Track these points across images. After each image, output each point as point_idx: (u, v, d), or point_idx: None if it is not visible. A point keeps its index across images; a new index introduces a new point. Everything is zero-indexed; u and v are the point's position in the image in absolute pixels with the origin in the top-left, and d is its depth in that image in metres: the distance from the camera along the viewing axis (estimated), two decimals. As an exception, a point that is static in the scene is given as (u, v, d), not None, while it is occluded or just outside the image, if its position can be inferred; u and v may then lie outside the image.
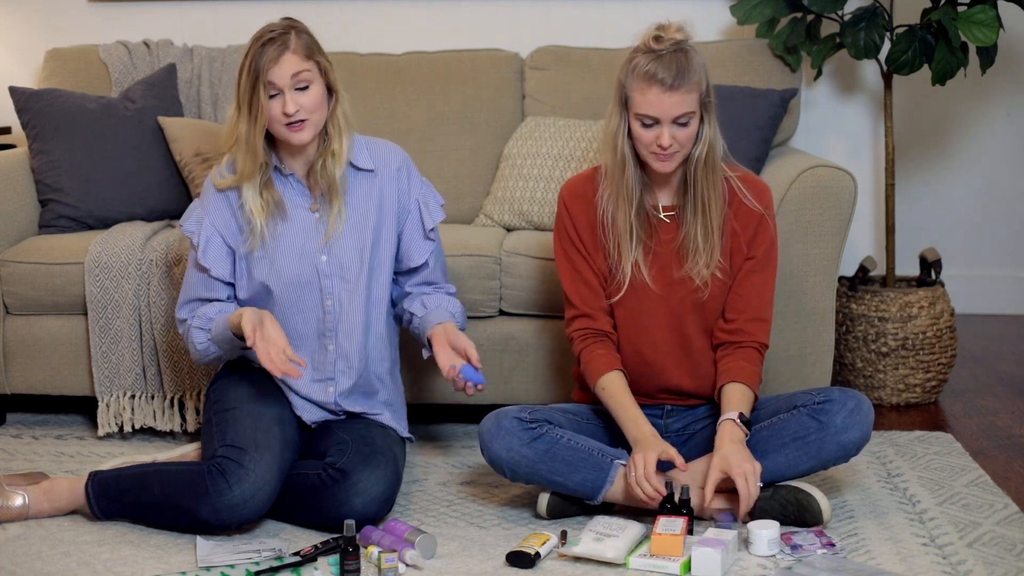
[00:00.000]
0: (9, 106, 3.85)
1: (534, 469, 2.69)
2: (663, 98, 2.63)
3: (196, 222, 2.85)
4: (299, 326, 2.84)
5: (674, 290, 2.79)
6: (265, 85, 2.71)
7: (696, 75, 2.65)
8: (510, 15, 4.20)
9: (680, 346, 2.82)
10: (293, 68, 2.71)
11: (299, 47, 2.72)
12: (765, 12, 3.76)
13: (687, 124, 2.67)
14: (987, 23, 3.47)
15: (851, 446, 2.69)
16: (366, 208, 2.87)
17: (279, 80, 2.71)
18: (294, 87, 2.72)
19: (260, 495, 2.61)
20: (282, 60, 2.70)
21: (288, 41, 2.71)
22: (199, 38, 4.11)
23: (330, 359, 2.86)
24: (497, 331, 3.28)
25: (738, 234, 2.80)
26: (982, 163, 4.42)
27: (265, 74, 2.70)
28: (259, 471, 2.62)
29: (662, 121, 2.65)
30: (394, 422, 2.92)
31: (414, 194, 2.94)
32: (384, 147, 2.94)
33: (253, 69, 2.71)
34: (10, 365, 3.38)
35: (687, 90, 2.64)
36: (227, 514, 2.60)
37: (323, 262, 2.83)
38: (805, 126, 4.20)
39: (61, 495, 2.78)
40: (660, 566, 2.48)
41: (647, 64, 2.64)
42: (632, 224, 2.75)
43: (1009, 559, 2.52)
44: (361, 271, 2.85)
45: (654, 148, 2.68)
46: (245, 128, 2.74)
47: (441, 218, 2.98)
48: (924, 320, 3.62)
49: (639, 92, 2.65)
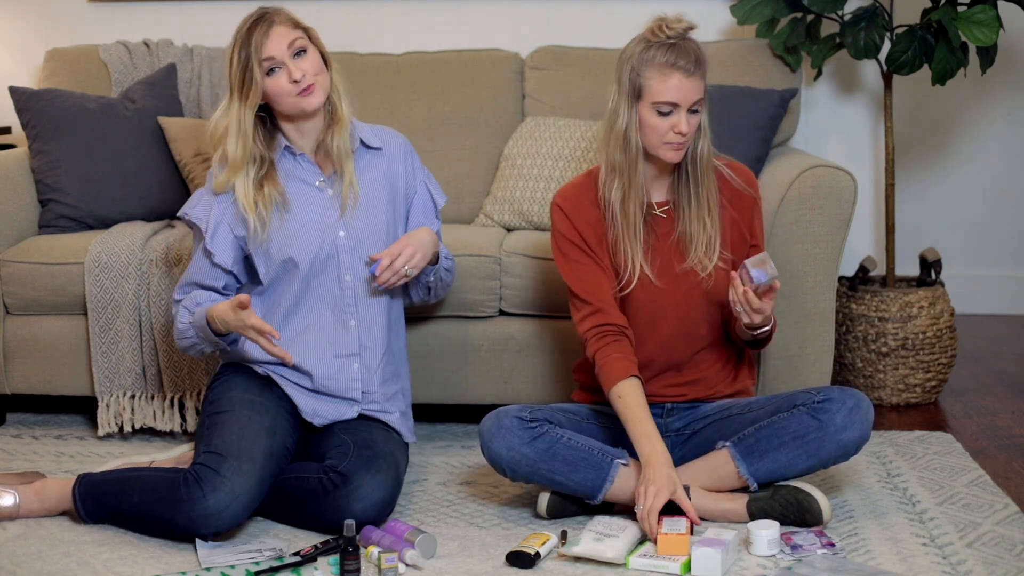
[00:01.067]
0: (9, 106, 3.85)
1: (534, 468, 2.69)
2: (685, 83, 2.66)
3: (204, 209, 2.83)
4: (315, 302, 2.83)
5: (679, 284, 2.79)
6: (260, 64, 2.73)
7: (706, 62, 2.70)
8: (510, 15, 4.20)
9: (688, 342, 2.82)
10: (287, 37, 2.75)
11: (284, 19, 2.77)
12: (765, 12, 3.76)
13: (698, 112, 2.71)
14: (987, 23, 3.47)
15: (851, 445, 2.69)
16: (380, 184, 2.90)
17: (277, 52, 2.74)
18: (292, 55, 2.75)
19: (235, 505, 2.58)
20: (272, 33, 2.74)
21: (272, 18, 2.76)
22: (199, 38, 4.11)
23: (352, 335, 2.85)
24: (497, 331, 3.28)
25: (737, 221, 2.82)
26: (982, 163, 4.42)
27: (259, 52, 2.72)
28: (236, 481, 2.58)
29: (681, 107, 2.67)
30: (402, 425, 2.92)
31: (420, 176, 2.99)
32: (387, 131, 3.00)
33: (244, 53, 2.73)
34: (10, 365, 3.38)
35: (702, 75, 2.69)
36: (201, 523, 2.57)
37: (341, 237, 2.83)
38: (805, 126, 4.20)
39: (51, 496, 2.78)
40: (660, 566, 2.48)
41: (665, 53, 2.66)
42: (640, 219, 2.76)
43: (1009, 559, 2.52)
44: (381, 244, 2.86)
45: (670, 137, 2.69)
46: (236, 111, 2.76)
47: (445, 199, 3.04)
48: (924, 320, 3.62)
49: (659, 80, 2.66)
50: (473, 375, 3.29)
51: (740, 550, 2.58)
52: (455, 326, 3.28)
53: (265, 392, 2.82)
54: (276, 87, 2.75)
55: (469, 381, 3.30)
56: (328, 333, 2.84)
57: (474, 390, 3.31)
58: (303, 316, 2.84)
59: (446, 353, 3.29)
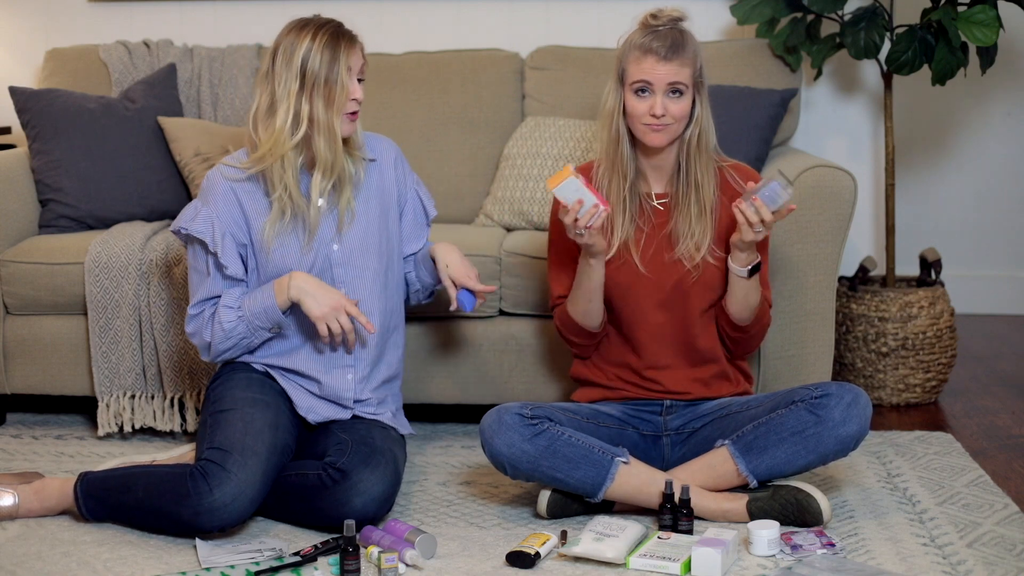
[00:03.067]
0: (9, 106, 3.85)
1: (535, 465, 2.69)
2: (657, 66, 2.73)
3: (205, 222, 2.80)
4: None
5: (666, 273, 2.81)
6: (348, 70, 2.75)
7: (690, 50, 2.76)
8: (510, 15, 4.20)
9: (678, 332, 2.84)
10: (361, 60, 2.80)
11: (360, 43, 2.82)
12: (765, 12, 3.76)
13: (680, 95, 2.75)
14: (987, 23, 3.47)
15: (849, 440, 2.70)
16: (373, 196, 2.90)
17: (355, 65, 2.77)
18: (357, 77, 2.79)
19: (241, 499, 2.59)
20: (356, 48, 2.78)
21: (355, 35, 2.80)
22: (199, 38, 4.11)
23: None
24: (497, 331, 3.28)
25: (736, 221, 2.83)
26: (982, 163, 4.42)
27: (347, 59, 2.75)
28: (242, 475, 2.60)
29: (655, 88, 2.74)
30: (394, 421, 2.92)
31: (410, 183, 3.00)
32: (378, 138, 2.98)
33: (329, 54, 2.73)
34: (10, 365, 3.38)
35: (681, 63, 2.74)
36: (207, 517, 2.58)
37: (335, 251, 2.84)
38: (805, 126, 4.20)
39: (51, 495, 2.78)
40: (660, 566, 2.48)
41: (643, 36, 2.76)
42: (625, 198, 2.82)
43: (1009, 559, 2.52)
44: (374, 258, 2.86)
45: (647, 119, 2.75)
46: (322, 113, 2.73)
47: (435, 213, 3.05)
48: (924, 320, 3.62)
49: (634, 62, 2.76)
50: (473, 375, 3.30)
51: (740, 550, 2.58)
52: (455, 326, 3.28)
53: (266, 389, 2.83)
54: (348, 93, 2.76)
55: (469, 381, 3.30)
56: (322, 344, 2.85)
57: (474, 390, 3.31)
58: (299, 329, 2.84)
59: (446, 353, 3.29)
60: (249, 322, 2.78)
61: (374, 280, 2.87)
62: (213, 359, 2.86)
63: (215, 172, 2.85)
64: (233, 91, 3.87)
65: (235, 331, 2.79)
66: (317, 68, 2.72)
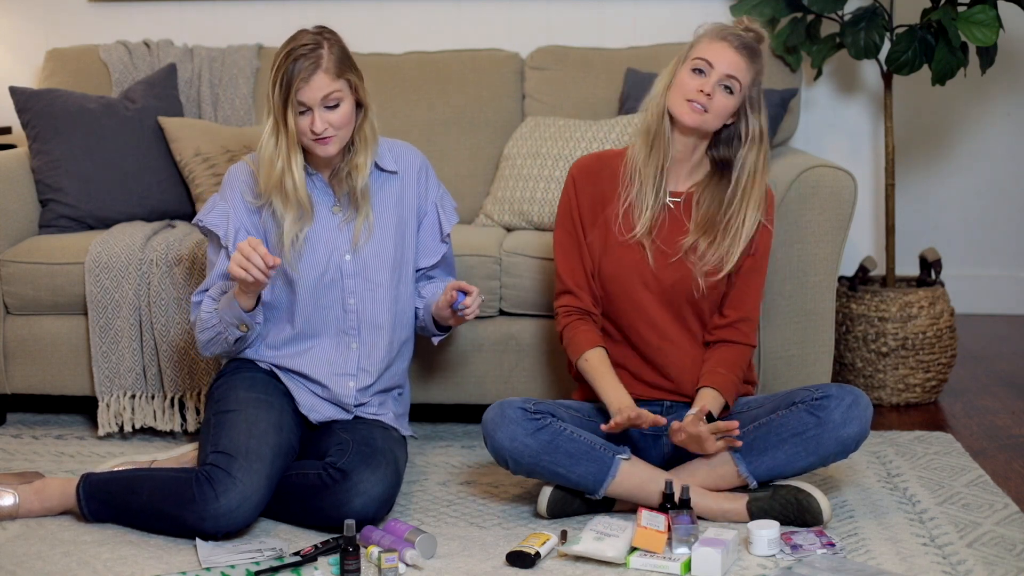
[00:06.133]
0: (9, 106, 3.85)
1: (536, 460, 2.69)
2: (725, 51, 2.74)
3: (220, 216, 2.82)
4: (318, 324, 2.84)
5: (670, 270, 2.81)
6: (294, 104, 2.69)
7: (759, 63, 2.79)
8: (510, 15, 4.20)
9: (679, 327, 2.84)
10: (324, 90, 2.70)
11: (331, 65, 2.70)
12: (765, 12, 3.77)
13: (731, 93, 2.74)
14: (987, 23, 3.47)
15: (850, 441, 2.70)
16: (390, 209, 2.89)
17: (309, 100, 2.70)
18: (324, 106, 2.71)
19: (247, 505, 2.60)
20: (313, 80, 2.68)
21: (320, 59, 2.69)
22: (199, 38, 4.11)
23: (353, 356, 2.86)
24: (497, 331, 3.28)
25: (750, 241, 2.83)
26: (982, 163, 4.42)
27: (295, 93, 2.68)
28: (247, 481, 2.60)
29: (714, 71, 2.73)
30: (396, 422, 2.92)
31: (432, 196, 2.97)
32: (405, 149, 2.96)
33: (284, 84, 2.69)
34: (10, 365, 3.38)
35: (748, 63, 2.76)
36: (212, 523, 2.59)
37: (347, 262, 2.84)
38: (805, 126, 4.20)
39: (52, 495, 2.78)
40: (660, 566, 2.48)
41: (724, 28, 2.79)
42: (656, 186, 2.80)
43: (1009, 559, 2.52)
44: (387, 271, 2.86)
45: (693, 94, 2.74)
46: (283, 140, 2.73)
47: (455, 221, 3.01)
48: (924, 320, 3.62)
49: (705, 43, 2.78)
50: (473, 375, 3.30)
51: (740, 550, 2.58)
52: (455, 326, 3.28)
53: (269, 389, 2.83)
54: (300, 126, 2.73)
55: (469, 381, 3.30)
56: (329, 352, 2.86)
57: (474, 390, 3.31)
58: (307, 335, 2.85)
59: (446, 353, 3.29)
60: (221, 316, 2.78)
61: (386, 292, 2.87)
62: (201, 352, 2.87)
63: (236, 167, 2.87)
64: (233, 91, 3.87)
65: (209, 322, 2.80)
66: (275, 101, 2.72)
